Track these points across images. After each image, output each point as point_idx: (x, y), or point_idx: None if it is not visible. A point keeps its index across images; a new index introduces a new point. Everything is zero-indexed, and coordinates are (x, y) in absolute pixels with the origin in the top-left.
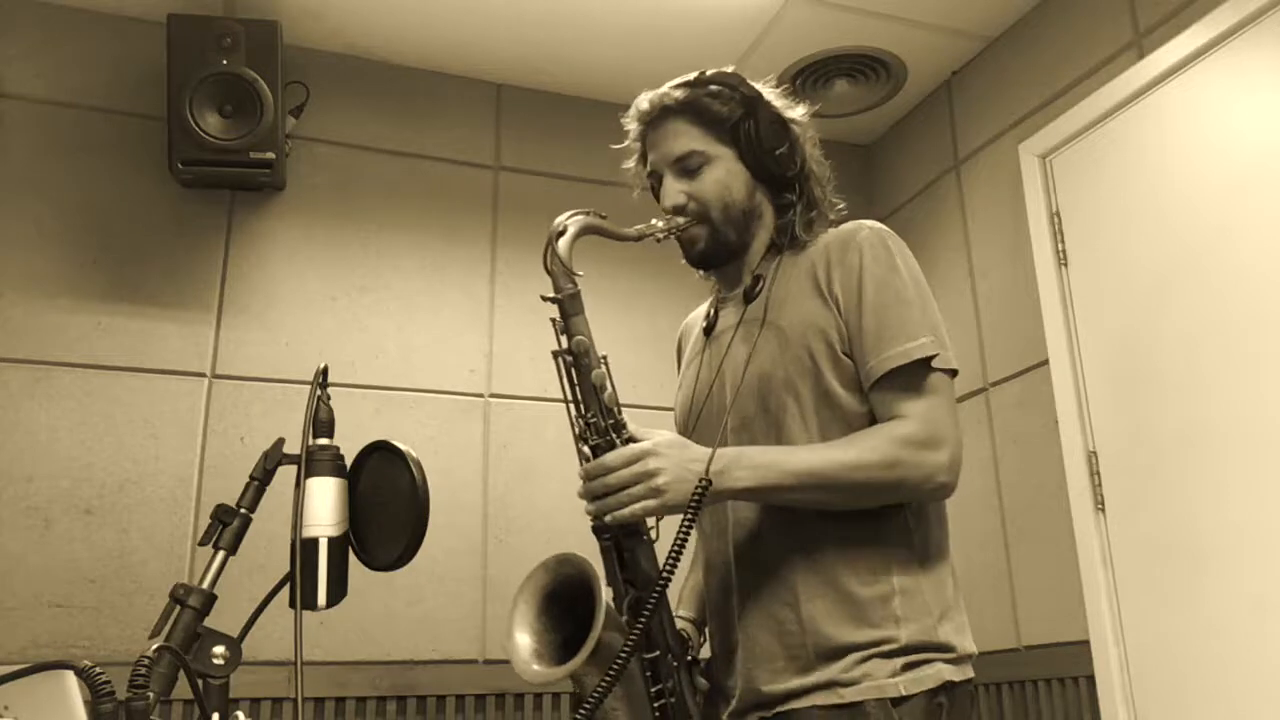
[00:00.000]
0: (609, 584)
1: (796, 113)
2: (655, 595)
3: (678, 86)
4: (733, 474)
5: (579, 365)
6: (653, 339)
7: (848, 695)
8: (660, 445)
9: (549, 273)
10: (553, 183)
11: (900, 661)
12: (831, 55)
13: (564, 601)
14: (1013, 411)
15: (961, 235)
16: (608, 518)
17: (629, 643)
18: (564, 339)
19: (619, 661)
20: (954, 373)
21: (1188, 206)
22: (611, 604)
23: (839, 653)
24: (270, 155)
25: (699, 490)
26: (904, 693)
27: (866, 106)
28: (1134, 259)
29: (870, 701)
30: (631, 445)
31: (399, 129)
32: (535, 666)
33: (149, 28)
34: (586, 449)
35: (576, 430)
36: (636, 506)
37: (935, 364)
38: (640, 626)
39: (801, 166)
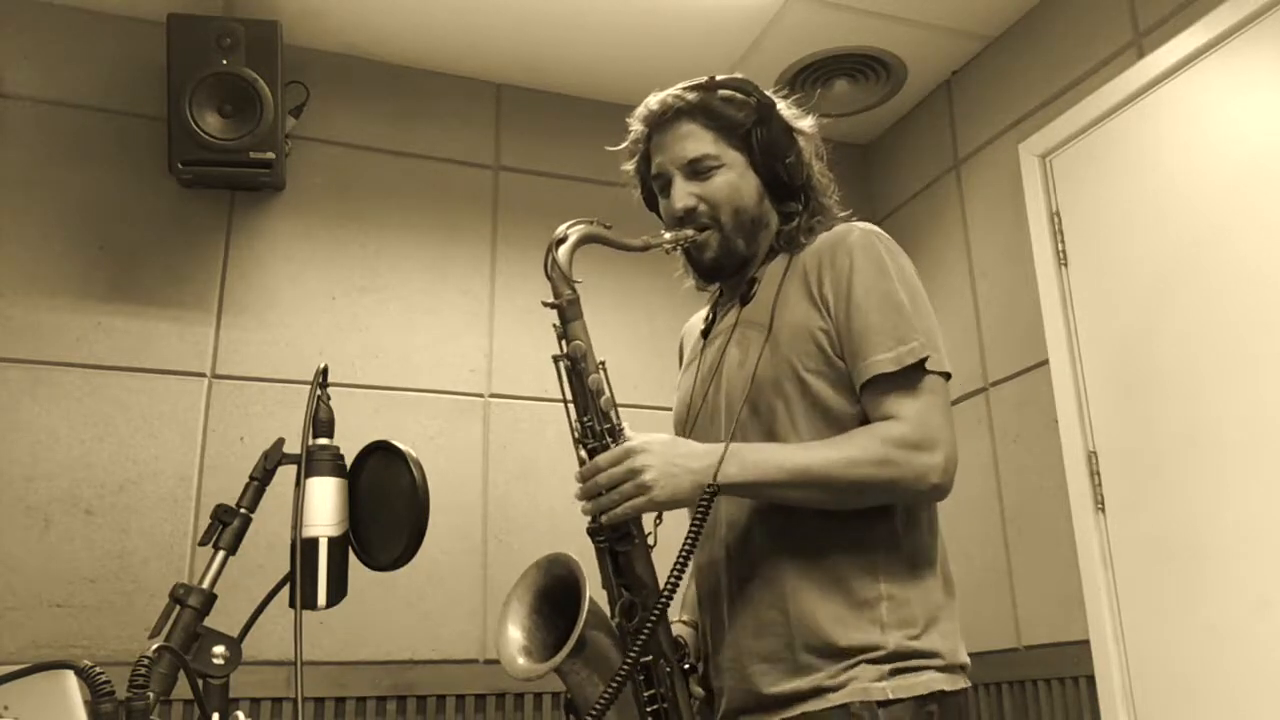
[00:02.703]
0: (604, 587)
1: (805, 123)
2: (656, 612)
3: (689, 89)
4: (724, 470)
5: (576, 370)
6: (651, 338)
7: (833, 699)
8: (649, 443)
9: (549, 278)
10: (553, 183)
11: (888, 668)
12: (831, 55)
13: (556, 602)
14: (1013, 411)
15: (961, 235)
16: (603, 518)
17: (627, 660)
18: (564, 344)
19: (618, 679)
20: (947, 375)
21: (1188, 206)
22: (597, 604)
23: (825, 654)
24: (270, 155)
25: (706, 497)
26: (890, 696)
27: (866, 106)
28: (1134, 259)
29: (856, 703)
30: (621, 445)
31: (399, 129)
32: (520, 661)
33: (149, 28)
34: (583, 453)
35: (575, 435)
36: (626, 505)
37: (928, 366)
38: (638, 647)
39: (808, 177)
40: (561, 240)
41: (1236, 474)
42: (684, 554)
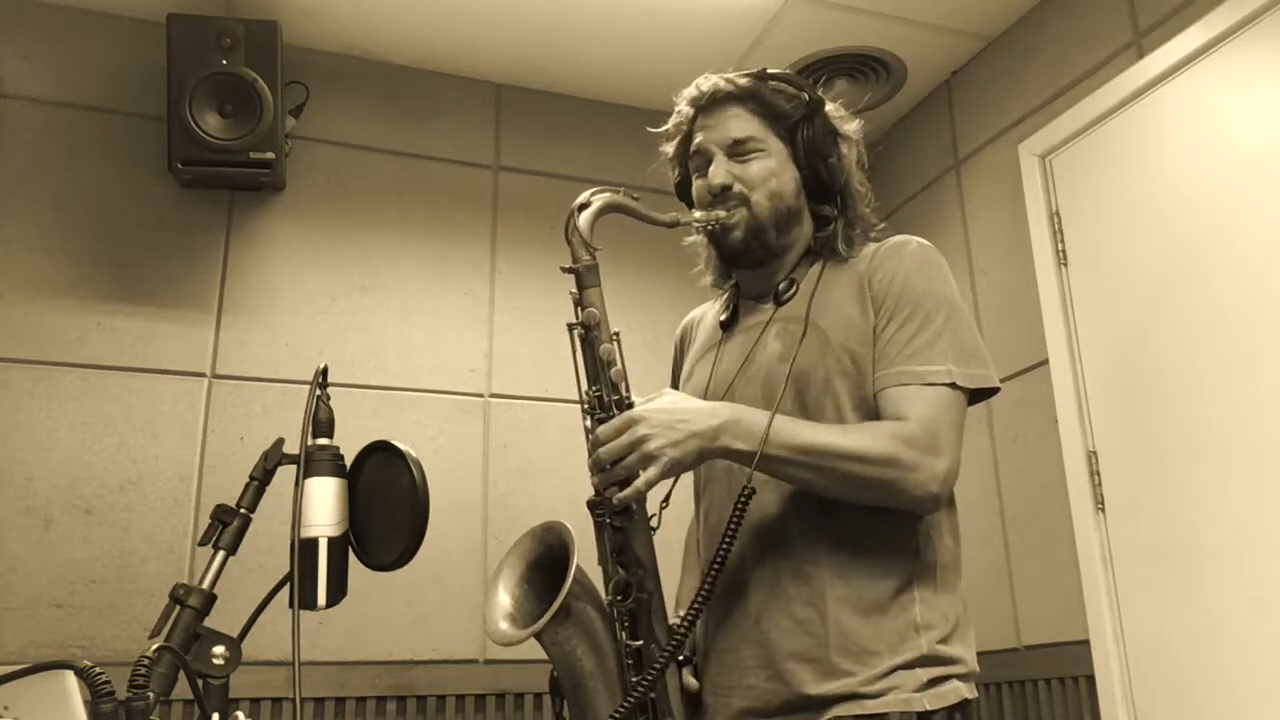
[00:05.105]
0: (599, 563)
1: (850, 128)
2: (669, 650)
3: (741, 75)
4: (729, 434)
5: (589, 338)
6: (654, 339)
7: (872, 707)
8: (649, 409)
9: (568, 242)
10: (553, 183)
11: (925, 675)
12: (831, 55)
13: (549, 574)
14: (1013, 411)
15: (961, 235)
16: (615, 498)
17: (630, 697)
18: (579, 311)
19: (622, 709)
20: (980, 391)
21: (1188, 206)
22: (587, 577)
23: (859, 656)
24: (270, 155)
25: (742, 500)
26: (928, 708)
27: (866, 106)
28: (1134, 259)
29: (895, 715)
30: (621, 415)
31: (399, 129)
32: (503, 626)
33: (149, 28)
34: (590, 423)
35: (584, 405)
36: (639, 481)
37: (955, 382)
38: (646, 680)
39: (847, 183)
40: (584, 206)
41: (1236, 474)
42: (718, 561)
